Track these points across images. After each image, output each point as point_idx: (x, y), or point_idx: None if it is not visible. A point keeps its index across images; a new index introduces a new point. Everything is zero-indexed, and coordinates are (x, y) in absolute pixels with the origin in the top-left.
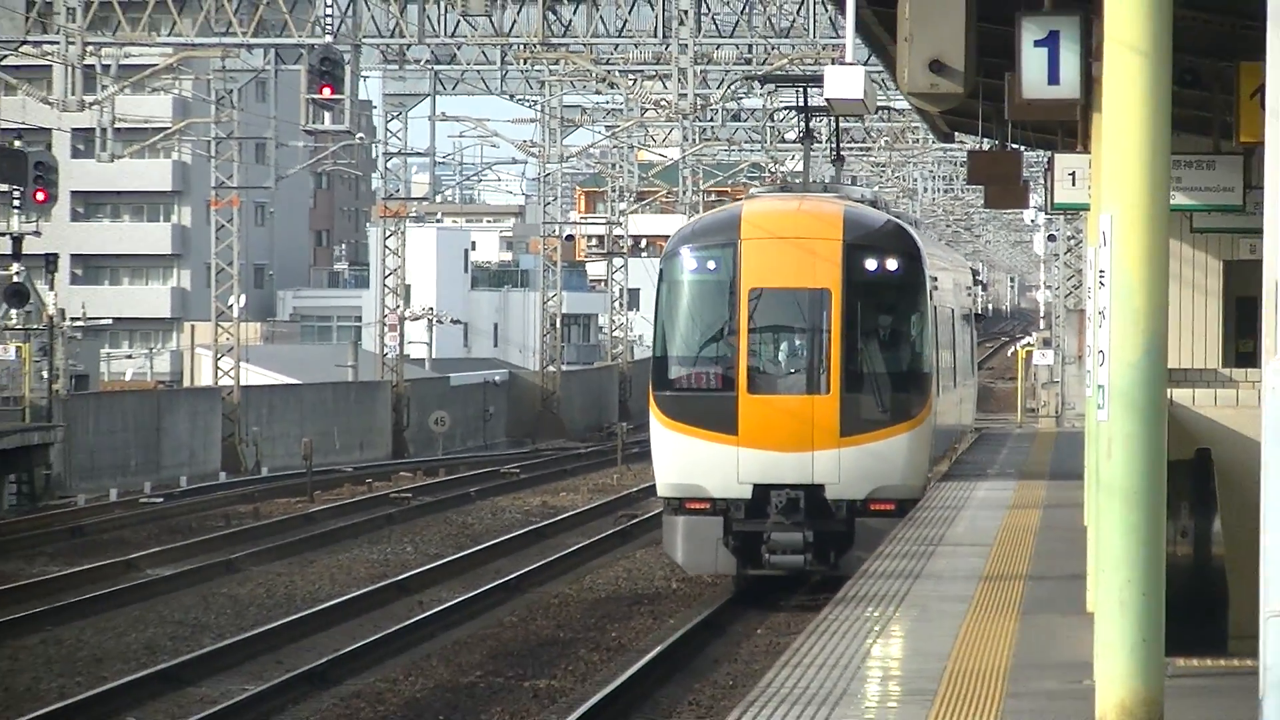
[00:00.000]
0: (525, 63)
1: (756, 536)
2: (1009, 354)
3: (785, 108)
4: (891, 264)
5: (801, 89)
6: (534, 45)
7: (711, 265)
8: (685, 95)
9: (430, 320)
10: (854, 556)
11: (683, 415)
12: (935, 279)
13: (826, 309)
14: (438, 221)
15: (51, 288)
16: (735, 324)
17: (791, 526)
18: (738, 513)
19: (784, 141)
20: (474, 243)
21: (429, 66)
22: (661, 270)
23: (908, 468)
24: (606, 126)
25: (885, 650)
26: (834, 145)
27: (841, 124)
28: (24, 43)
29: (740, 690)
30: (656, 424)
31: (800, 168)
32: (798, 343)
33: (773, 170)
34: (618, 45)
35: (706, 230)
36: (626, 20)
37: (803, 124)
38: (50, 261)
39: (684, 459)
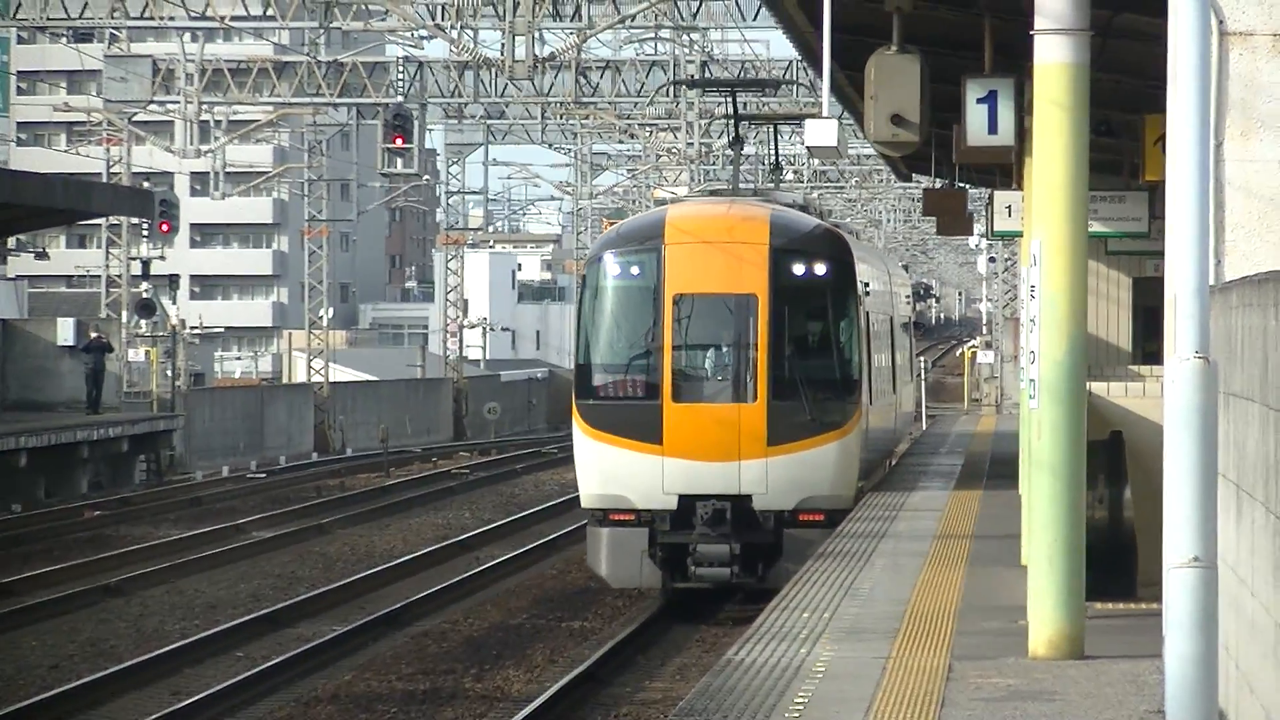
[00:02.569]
0: (561, 118)
1: (682, 548)
2: (957, 354)
3: (721, 117)
4: (820, 268)
5: (730, 94)
6: (568, 104)
7: (635, 271)
8: (692, 144)
9: (484, 328)
10: (783, 568)
11: (606, 424)
12: (867, 284)
13: (753, 315)
14: (490, 247)
15: (174, 302)
16: (659, 331)
17: (718, 538)
18: (663, 524)
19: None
20: (520, 264)
21: (483, 121)
22: (584, 276)
23: (838, 477)
24: (628, 170)
25: (857, 596)
26: (773, 155)
27: (793, 149)
28: (151, 102)
29: (739, 631)
30: (579, 433)
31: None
32: (724, 350)
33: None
34: (636, 103)
35: (630, 235)
36: (644, 83)
37: (731, 129)
38: (172, 281)
39: (608, 469)
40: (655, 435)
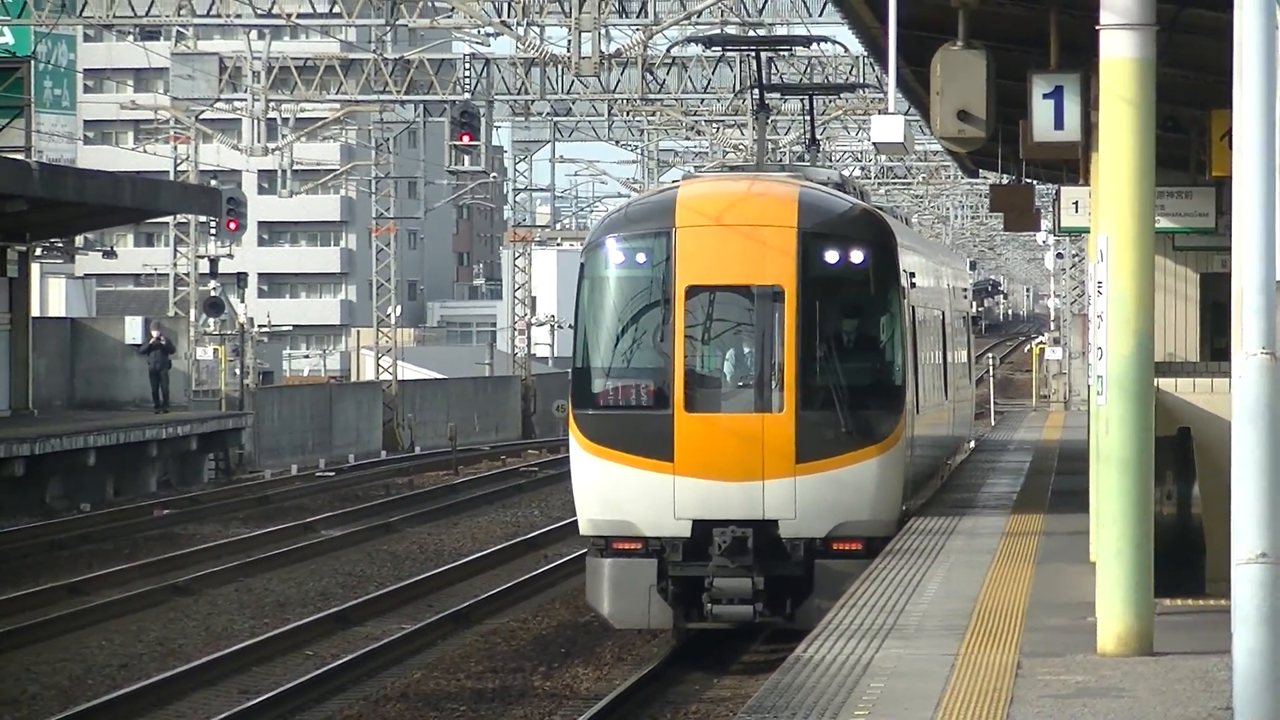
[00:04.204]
0: (628, 115)
1: (697, 583)
2: (1025, 350)
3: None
4: (857, 256)
5: (752, 55)
6: (635, 100)
7: (641, 258)
8: (758, 140)
9: (552, 325)
10: (814, 606)
11: (608, 438)
12: (912, 274)
13: (779, 310)
14: (558, 245)
15: (242, 300)
16: (670, 329)
17: (738, 571)
18: (675, 554)
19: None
20: None
21: (549, 118)
22: (583, 265)
23: (877, 499)
24: (695, 166)
25: (925, 593)
26: (808, 128)
27: (861, 145)
28: (218, 100)
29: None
30: (577, 448)
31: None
32: (745, 350)
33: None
34: (703, 100)
35: (636, 217)
36: (710, 80)
37: (757, 96)
38: (241, 279)
39: (610, 490)
40: (665, 451)
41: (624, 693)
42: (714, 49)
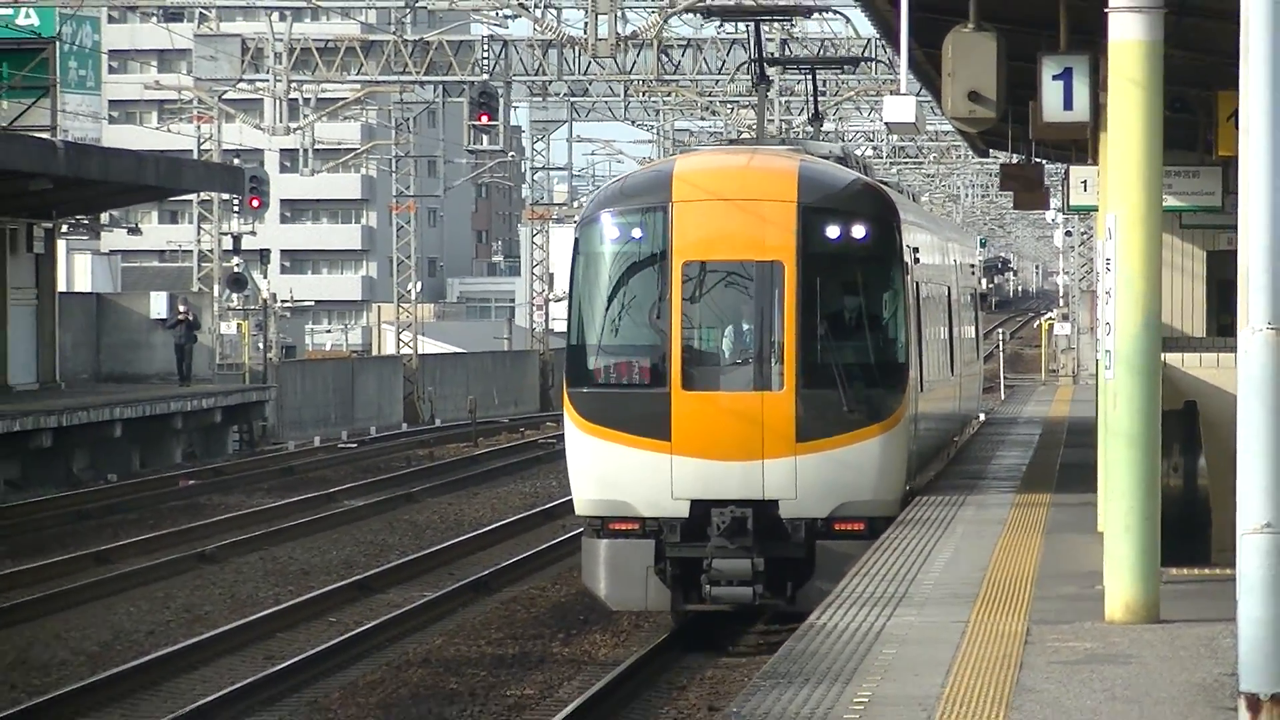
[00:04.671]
0: (644, 95)
1: (696, 564)
2: (1035, 326)
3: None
4: (858, 231)
5: (753, 24)
6: (651, 81)
7: (637, 233)
8: (772, 120)
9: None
10: (815, 587)
11: (604, 417)
12: (916, 249)
13: (778, 286)
14: (574, 222)
15: (265, 276)
16: (666, 305)
17: (738, 552)
18: (672, 535)
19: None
20: None
21: (566, 98)
22: (577, 240)
23: (880, 479)
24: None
25: (936, 562)
26: (812, 102)
27: (873, 125)
28: (240, 80)
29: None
30: (572, 427)
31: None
32: (744, 328)
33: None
34: (718, 80)
35: (631, 191)
36: (725, 60)
37: (756, 69)
38: (263, 255)
39: (606, 470)
40: (662, 430)
41: (642, 658)
42: (712, 20)
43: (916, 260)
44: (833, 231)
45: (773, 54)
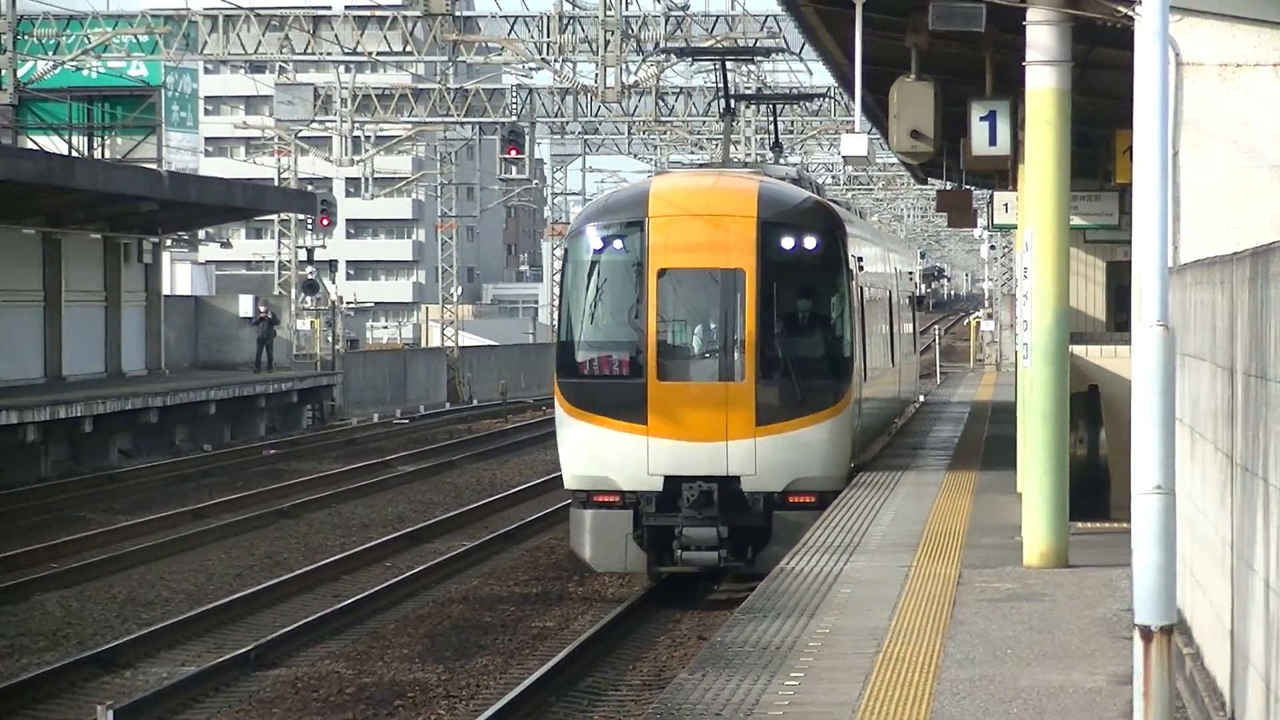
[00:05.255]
0: (645, 133)
1: (668, 531)
2: (965, 323)
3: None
4: (810, 242)
5: (720, 64)
6: (650, 122)
7: (618, 245)
8: (747, 151)
9: None
10: (772, 552)
11: (589, 403)
12: (860, 258)
13: (740, 290)
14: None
15: (333, 282)
16: (643, 307)
17: (705, 521)
18: (648, 506)
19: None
20: None
21: (581, 136)
22: (566, 250)
23: (828, 458)
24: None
25: (884, 518)
26: (773, 133)
27: (831, 157)
28: (313, 121)
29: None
30: (561, 412)
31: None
32: (710, 326)
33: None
34: (704, 121)
35: (613, 207)
36: (711, 104)
37: (723, 101)
38: (332, 265)
39: (591, 450)
40: (640, 415)
41: (645, 594)
42: (685, 60)
43: (861, 267)
44: (788, 243)
45: (739, 89)
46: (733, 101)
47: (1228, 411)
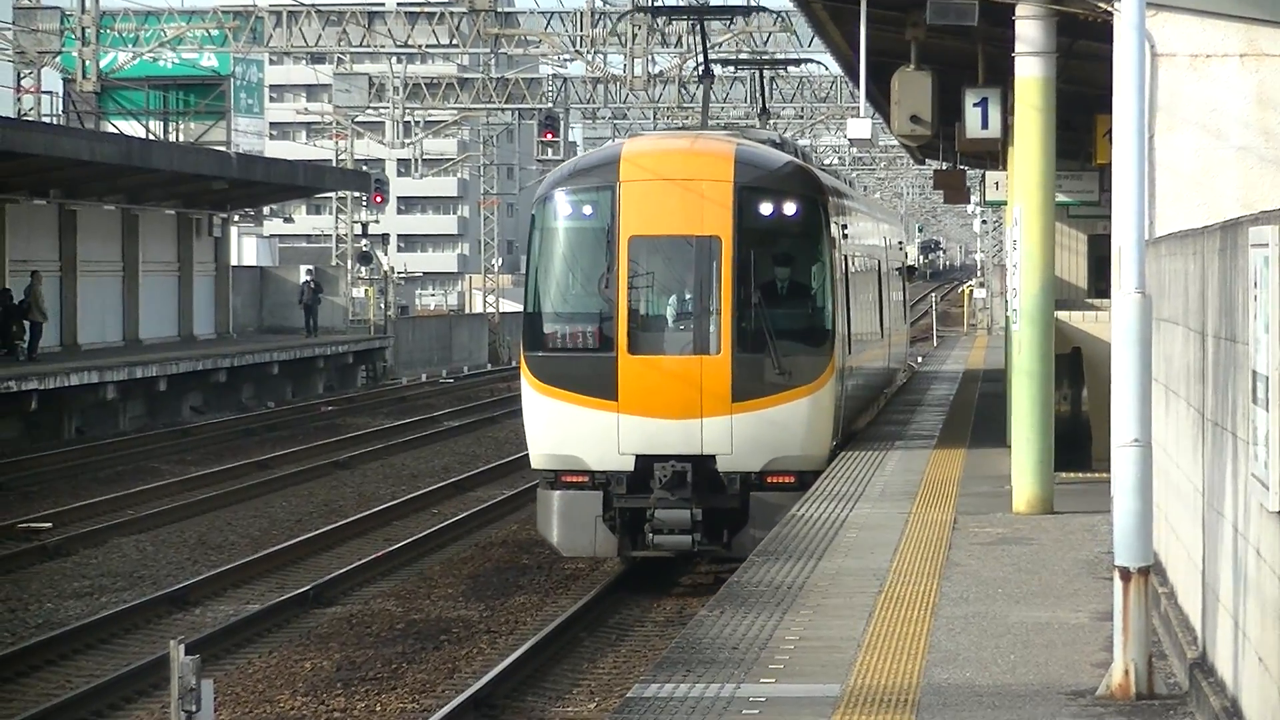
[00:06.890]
0: (669, 119)
1: (640, 513)
2: (959, 292)
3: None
4: (789, 208)
5: (696, 22)
6: (673, 108)
7: (587, 211)
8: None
9: None
10: (749, 535)
11: (556, 378)
12: (844, 225)
13: (716, 259)
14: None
15: (385, 254)
16: (614, 276)
17: (678, 502)
18: (619, 487)
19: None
20: None
21: (610, 121)
22: (533, 216)
23: (809, 436)
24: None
25: (885, 469)
26: (760, 98)
27: (838, 140)
28: (368, 108)
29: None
30: (528, 388)
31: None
32: (685, 297)
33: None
34: (723, 107)
35: (582, 171)
36: (728, 92)
37: (701, 61)
38: (385, 238)
39: (558, 427)
40: (609, 390)
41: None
42: (659, 17)
43: (845, 236)
44: (765, 209)
45: (717, 51)
46: (711, 65)
47: (1199, 371)
